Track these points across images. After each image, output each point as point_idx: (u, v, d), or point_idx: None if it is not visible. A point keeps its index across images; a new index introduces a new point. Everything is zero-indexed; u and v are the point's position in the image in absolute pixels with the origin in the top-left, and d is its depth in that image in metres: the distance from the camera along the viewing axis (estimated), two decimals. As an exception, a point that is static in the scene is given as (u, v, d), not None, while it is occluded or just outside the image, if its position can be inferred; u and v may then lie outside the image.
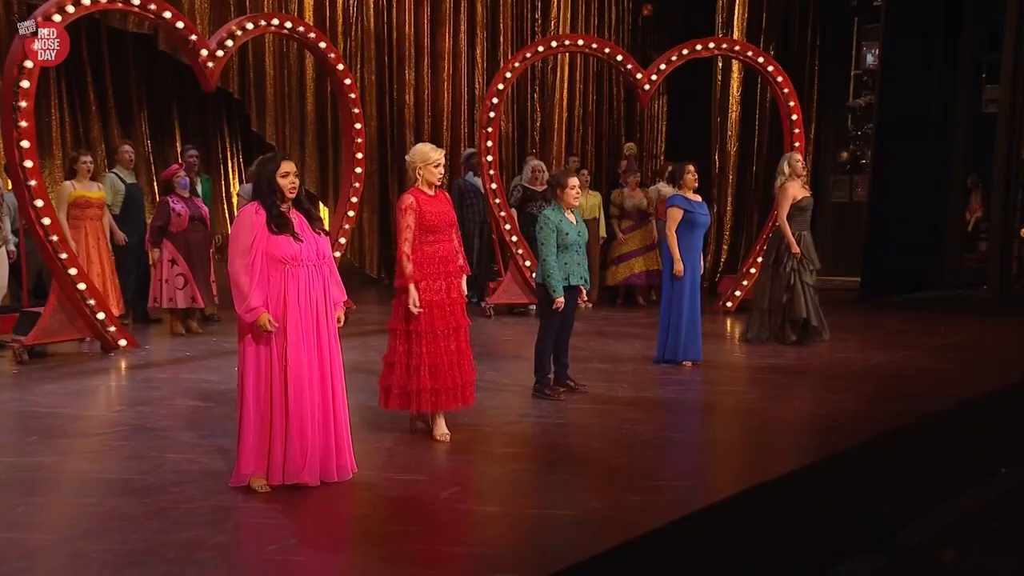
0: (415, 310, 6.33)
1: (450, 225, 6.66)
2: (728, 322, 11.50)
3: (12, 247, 10.24)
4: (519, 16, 16.00)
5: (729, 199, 15.61)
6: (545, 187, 12.65)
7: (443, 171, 6.90)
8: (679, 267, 9.14)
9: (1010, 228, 13.74)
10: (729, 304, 12.37)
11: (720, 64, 15.39)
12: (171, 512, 5.16)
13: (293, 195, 5.27)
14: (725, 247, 15.30)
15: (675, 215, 9.00)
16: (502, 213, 11.70)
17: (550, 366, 8.09)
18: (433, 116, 15.25)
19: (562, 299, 7.72)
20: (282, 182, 5.18)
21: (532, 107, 16.31)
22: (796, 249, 9.86)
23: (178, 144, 13.34)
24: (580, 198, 8.49)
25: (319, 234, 5.42)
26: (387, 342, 6.83)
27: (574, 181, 8.11)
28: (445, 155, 10.16)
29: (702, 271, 10.02)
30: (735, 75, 16.11)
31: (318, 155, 14.37)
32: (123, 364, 9.45)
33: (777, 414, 8.06)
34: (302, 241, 5.15)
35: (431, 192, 6.51)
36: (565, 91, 16.33)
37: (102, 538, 4.96)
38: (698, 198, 9.52)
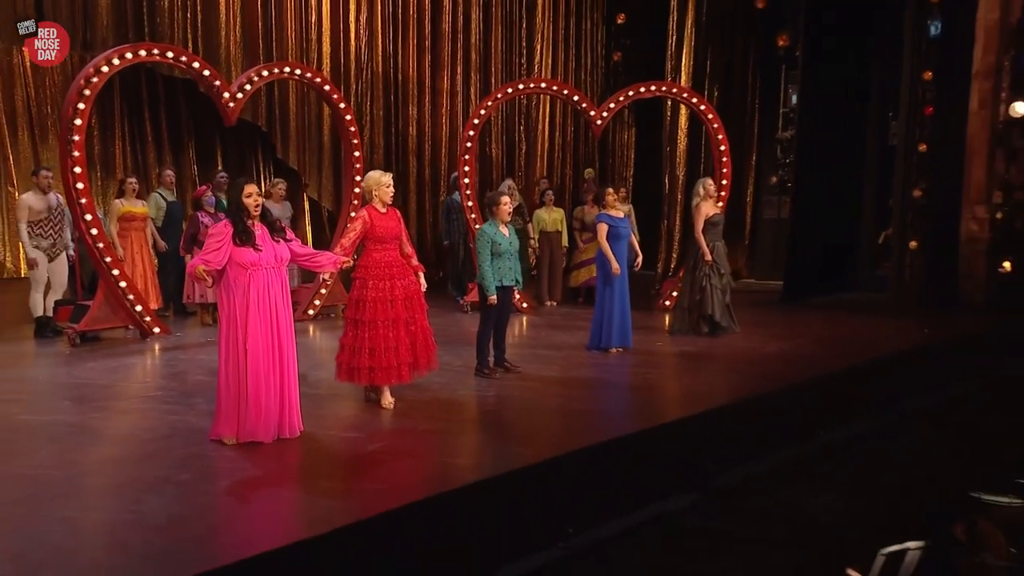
0: (344, 261, 6.74)
1: (395, 238, 7.03)
2: (665, 318, 11.71)
3: (71, 252, 10.37)
4: (508, 60, 16.17)
5: (677, 215, 15.62)
6: (518, 201, 12.60)
7: (392, 191, 7.21)
8: (616, 267, 9.44)
9: (906, 242, 13.77)
10: (668, 303, 12.54)
11: (668, 102, 15.34)
12: (156, 458, 5.75)
13: (257, 212, 5.68)
14: (674, 255, 15.28)
15: (603, 229, 9.39)
16: (478, 226, 11.78)
17: (489, 351, 8.38)
18: (432, 145, 15.44)
19: (495, 297, 8.06)
20: (247, 202, 5.64)
21: (519, 136, 16.46)
22: (708, 257, 10.20)
23: (219, 168, 13.52)
24: (511, 214, 8.74)
25: (278, 242, 5.79)
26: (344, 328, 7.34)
27: (506, 199, 8.48)
28: (443, 178, 10.70)
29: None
30: (683, 111, 15.96)
31: (334, 178, 14.37)
32: (156, 347, 9.69)
33: (662, 387, 8.77)
34: (261, 250, 5.62)
35: (383, 210, 6.90)
36: (547, 123, 16.55)
37: (99, 474, 5.70)
38: (620, 214, 9.87)
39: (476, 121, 12.52)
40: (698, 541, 6.20)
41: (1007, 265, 13.28)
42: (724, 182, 13.08)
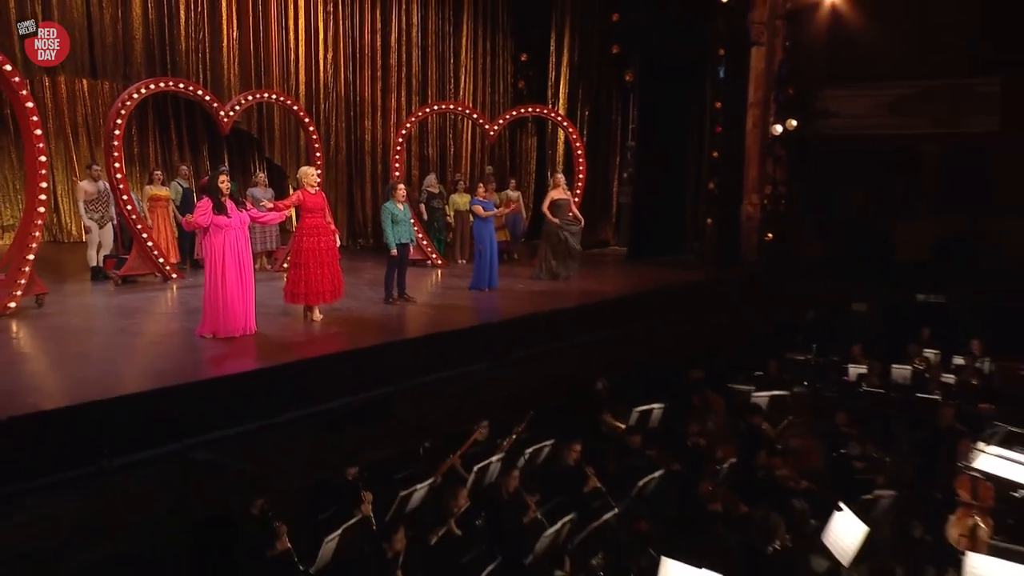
0: (281, 216, 8.13)
1: (321, 209, 8.08)
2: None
3: (114, 222, 10.59)
4: (441, 86, 15.85)
5: None
6: (437, 190, 13.25)
7: (318, 180, 8.35)
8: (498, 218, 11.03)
9: (704, 220, 14.48)
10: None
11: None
12: (167, 343, 7.12)
13: (227, 192, 6.95)
14: None
15: (477, 208, 10.45)
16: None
17: (393, 286, 9.23)
18: (383, 148, 14.96)
19: (395, 251, 9.05)
20: (221, 186, 6.93)
21: (448, 141, 16.31)
22: (556, 221, 11.12)
23: (224, 164, 13.38)
24: (406, 199, 9.53)
25: (241, 211, 7.05)
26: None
27: (401, 188, 9.44)
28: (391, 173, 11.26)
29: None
30: (564, 103, 16.08)
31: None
32: (173, 287, 10.27)
33: (468, 306, 9.60)
34: (230, 217, 6.91)
35: (312, 191, 7.99)
36: (469, 132, 16.28)
37: (128, 349, 6.97)
38: (490, 199, 10.95)
39: (403, 131, 13.05)
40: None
41: (770, 235, 14.08)
42: (581, 176, 13.58)
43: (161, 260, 10.32)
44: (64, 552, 4.11)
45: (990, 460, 5.56)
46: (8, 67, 7.69)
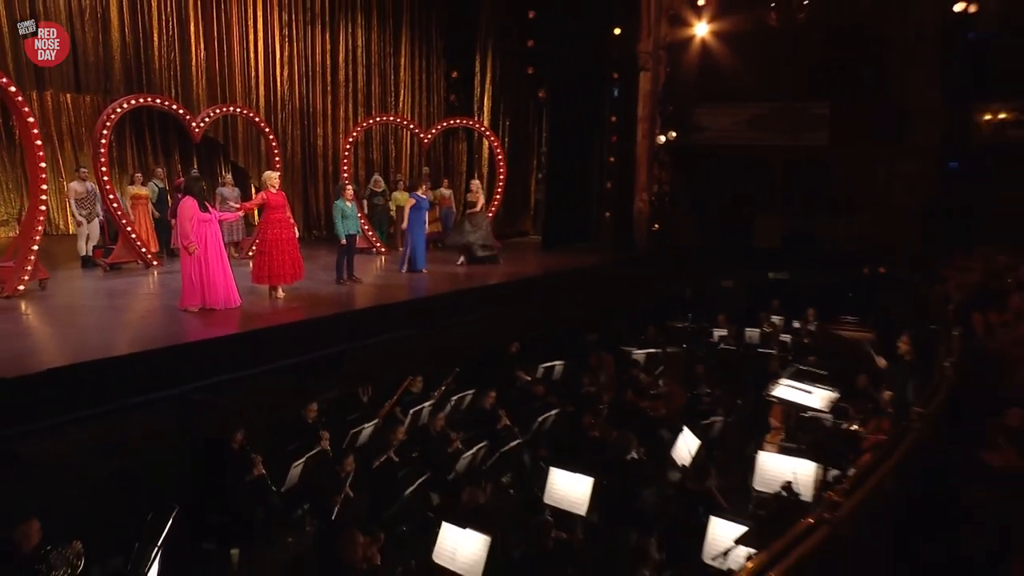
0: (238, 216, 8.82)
1: (283, 206, 8.38)
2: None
3: (101, 217, 10.49)
4: (384, 99, 15.63)
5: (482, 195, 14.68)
6: (381, 189, 13.21)
7: (278, 182, 8.56)
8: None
9: (603, 214, 15.00)
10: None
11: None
12: (152, 318, 7.41)
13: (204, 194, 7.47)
14: None
15: (411, 201, 10.79)
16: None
17: (343, 270, 9.61)
18: (333, 154, 15.00)
19: (344, 240, 9.41)
20: (202, 189, 7.46)
21: (391, 147, 16.10)
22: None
23: (195, 167, 13.39)
24: (353, 197, 9.79)
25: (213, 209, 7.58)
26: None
27: (349, 189, 9.81)
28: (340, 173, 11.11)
29: None
30: (488, 115, 15.97)
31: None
32: (155, 272, 10.27)
33: (393, 295, 9.39)
34: (209, 212, 7.46)
35: (274, 191, 8.30)
36: (409, 139, 15.96)
37: (118, 322, 7.31)
38: (425, 197, 11.02)
39: (351, 139, 13.39)
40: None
41: (656, 226, 14.39)
42: (501, 177, 14.04)
43: (144, 249, 10.40)
44: (92, 464, 4.66)
45: (785, 391, 6.38)
46: (12, 88, 7.97)
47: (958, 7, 13.33)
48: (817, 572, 3.39)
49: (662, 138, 14.34)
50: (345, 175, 12.71)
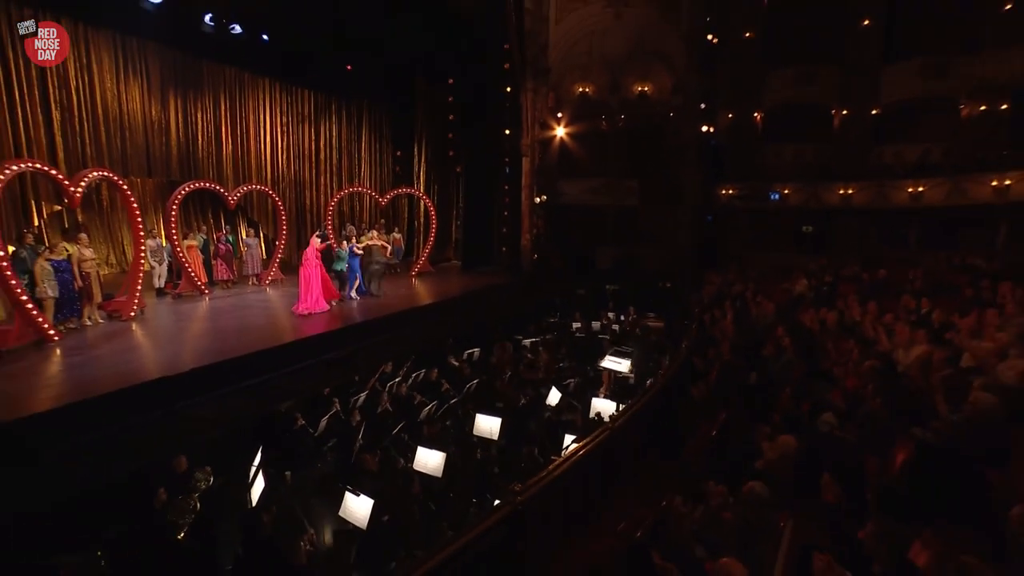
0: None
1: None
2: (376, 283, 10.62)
3: (167, 261, 9.69)
4: (351, 171, 15.32)
5: (419, 236, 15.34)
6: (351, 233, 12.13)
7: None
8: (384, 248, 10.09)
9: (501, 247, 14.63)
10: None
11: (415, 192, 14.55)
12: (214, 331, 7.20)
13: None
14: (423, 258, 13.72)
15: (355, 249, 9.82)
16: (336, 246, 10.97)
17: (345, 290, 9.48)
18: (318, 209, 14.54)
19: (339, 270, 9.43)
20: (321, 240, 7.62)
21: (358, 205, 15.69)
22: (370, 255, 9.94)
23: (224, 223, 12.58)
24: (342, 246, 9.68)
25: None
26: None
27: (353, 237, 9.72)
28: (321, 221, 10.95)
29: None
30: (423, 183, 15.69)
31: (273, 224, 13.00)
32: (206, 298, 9.51)
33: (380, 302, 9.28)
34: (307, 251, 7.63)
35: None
36: (370, 200, 15.39)
37: (211, 335, 6.87)
38: (383, 238, 10.58)
39: (332, 204, 13.05)
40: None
41: (536, 256, 14.72)
42: (433, 226, 13.54)
43: (199, 282, 10.22)
44: (200, 432, 5.14)
45: (608, 362, 7.50)
46: (125, 186, 8.11)
47: (704, 128, 15.19)
48: (605, 450, 4.51)
49: (537, 199, 14.83)
50: (328, 226, 12.39)
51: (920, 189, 14.44)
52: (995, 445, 3.61)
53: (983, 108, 13.96)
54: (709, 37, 15.25)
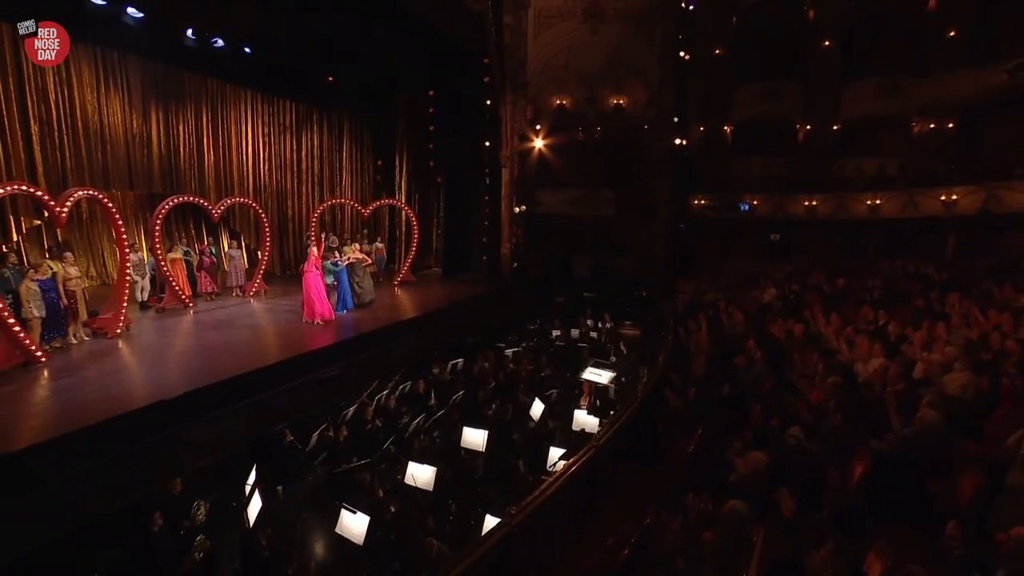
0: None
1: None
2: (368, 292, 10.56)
3: (150, 274, 9.55)
4: (332, 181, 15.02)
5: (401, 246, 15.52)
6: (335, 244, 12.34)
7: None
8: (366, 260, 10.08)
9: (482, 256, 14.54)
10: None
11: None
12: (205, 349, 7.28)
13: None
14: (404, 268, 13.35)
15: (340, 263, 9.80)
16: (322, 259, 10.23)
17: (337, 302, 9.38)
18: (302, 220, 14.42)
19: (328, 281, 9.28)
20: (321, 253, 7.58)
21: (339, 214, 15.56)
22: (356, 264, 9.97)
23: (205, 235, 12.55)
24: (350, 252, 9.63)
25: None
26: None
27: (333, 252, 9.73)
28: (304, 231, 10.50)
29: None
30: (404, 193, 15.32)
31: (255, 234, 12.83)
32: (190, 312, 9.36)
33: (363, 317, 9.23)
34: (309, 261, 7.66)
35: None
36: (352, 211, 15.28)
37: (196, 354, 6.70)
38: (368, 247, 10.96)
39: (316, 215, 12.67)
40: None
41: (515, 265, 14.90)
42: (415, 236, 13.22)
43: (183, 295, 10.03)
44: (197, 459, 5.12)
45: (589, 374, 7.46)
46: (110, 204, 7.91)
47: (677, 141, 15.44)
48: (591, 466, 4.64)
49: (516, 209, 15.07)
50: (312, 236, 11.98)
51: (878, 202, 14.92)
52: (940, 456, 3.86)
53: (932, 126, 14.54)
54: (682, 53, 15.55)
